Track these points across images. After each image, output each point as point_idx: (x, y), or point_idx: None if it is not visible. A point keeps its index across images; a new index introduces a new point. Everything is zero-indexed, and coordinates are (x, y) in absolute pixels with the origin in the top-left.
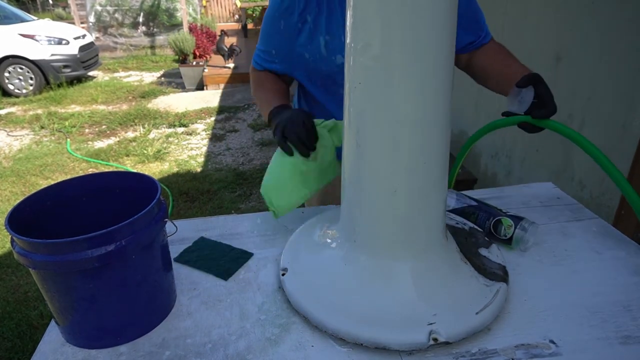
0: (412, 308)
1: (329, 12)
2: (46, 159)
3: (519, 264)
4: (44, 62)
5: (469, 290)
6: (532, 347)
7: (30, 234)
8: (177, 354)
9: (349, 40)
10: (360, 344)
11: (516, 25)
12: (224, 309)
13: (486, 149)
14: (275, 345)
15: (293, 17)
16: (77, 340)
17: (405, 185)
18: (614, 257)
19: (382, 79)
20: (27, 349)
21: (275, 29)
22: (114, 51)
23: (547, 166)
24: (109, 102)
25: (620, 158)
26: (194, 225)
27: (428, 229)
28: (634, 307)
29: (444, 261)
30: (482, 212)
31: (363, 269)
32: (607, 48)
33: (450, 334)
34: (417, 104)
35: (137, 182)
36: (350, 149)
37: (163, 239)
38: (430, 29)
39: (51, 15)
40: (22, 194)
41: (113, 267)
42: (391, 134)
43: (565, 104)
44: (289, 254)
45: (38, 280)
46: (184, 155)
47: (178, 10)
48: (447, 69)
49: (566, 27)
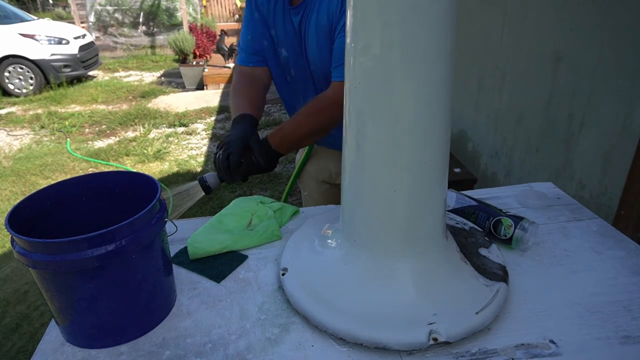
0: (412, 308)
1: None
2: (46, 158)
3: (519, 264)
4: (44, 62)
5: (469, 290)
6: (532, 347)
7: (30, 234)
8: (177, 353)
9: (349, 40)
10: (360, 344)
11: (516, 25)
12: (224, 309)
13: (486, 149)
14: (275, 345)
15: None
16: (77, 340)
17: (405, 185)
18: (614, 257)
19: (382, 79)
20: (27, 349)
21: (246, 18)
22: (114, 51)
23: (547, 166)
24: (109, 102)
25: (620, 158)
26: (194, 225)
27: (428, 228)
28: (634, 307)
29: (444, 261)
30: (482, 212)
31: (363, 269)
32: (607, 48)
33: (450, 334)
34: (417, 104)
35: (137, 182)
36: (350, 149)
37: (163, 239)
38: (430, 29)
39: (51, 14)
40: (22, 193)
41: (113, 267)
42: (391, 134)
43: (565, 104)
44: (289, 254)
45: (38, 280)
46: (184, 155)
47: (178, 10)
48: (447, 69)
49: (566, 27)
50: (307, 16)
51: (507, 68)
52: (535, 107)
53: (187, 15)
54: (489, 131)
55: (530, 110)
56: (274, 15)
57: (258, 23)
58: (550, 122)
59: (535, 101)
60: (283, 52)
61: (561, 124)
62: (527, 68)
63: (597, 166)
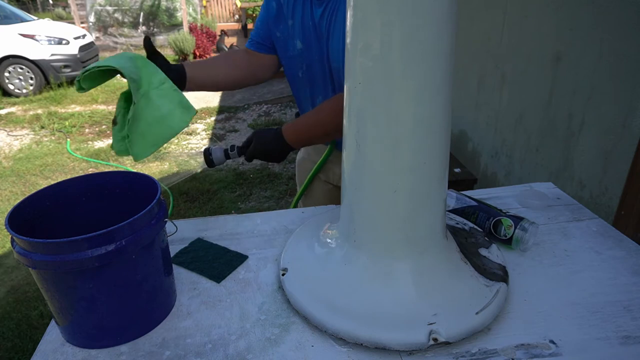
0: (412, 308)
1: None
2: (46, 159)
3: (519, 264)
4: (44, 62)
5: (469, 290)
6: (532, 347)
7: (30, 234)
8: (177, 353)
9: (349, 40)
10: (360, 344)
11: (516, 25)
12: (224, 309)
13: (486, 149)
14: (275, 345)
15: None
16: (77, 340)
17: (405, 185)
18: (613, 257)
19: (382, 79)
20: (27, 349)
21: (263, 5)
22: (114, 51)
23: (547, 166)
24: (109, 102)
25: (620, 158)
26: (194, 225)
27: (428, 229)
28: (634, 307)
29: (444, 261)
30: (482, 212)
31: (363, 269)
32: (607, 48)
33: (450, 334)
34: (417, 104)
35: (137, 182)
36: (350, 149)
37: (163, 239)
38: (430, 29)
39: (51, 15)
40: (22, 194)
41: (113, 267)
42: (391, 134)
43: (565, 104)
44: (289, 254)
45: (38, 280)
46: (184, 155)
47: (178, 10)
48: (447, 69)
49: (566, 27)
50: (331, 11)
51: (507, 68)
52: (535, 107)
53: (187, 15)
54: (489, 131)
55: (530, 110)
56: (294, 5)
57: (272, 12)
58: (550, 122)
59: (535, 101)
60: (298, 44)
61: (561, 124)
62: (527, 68)
63: (597, 166)
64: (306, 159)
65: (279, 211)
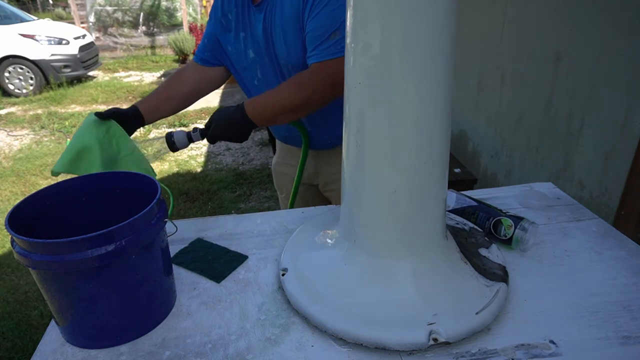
0: (412, 308)
1: (243, 9)
2: (46, 159)
3: (519, 264)
4: (44, 62)
5: (469, 290)
6: (532, 347)
7: (30, 234)
8: (177, 353)
9: (349, 40)
10: (360, 344)
11: (516, 25)
12: (224, 309)
13: (486, 149)
14: (275, 345)
15: (218, 13)
16: (77, 340)
17: (405, 185)
18: (613, 257)
19: (382, 79)
20: (27, 349)
21: (209, 22)
22: (114, 51)
23: (547, 166)
24: (109, 102)
25: (620, 158)
26: (194, 226)
27: (428, 229)
28: (634, 307)
29: (444, 261)
30: (482, 212)
31: (363, 269)
32: (607, 48)
33: (450, 334)
34: (417, 104)
35: (137, 182)
36: (350, 149)
37: (163, 239)
38: (430, 29)
39: (51, 15)
40: (22, 194)
41: (113, 267)
42: (391, 134)
43: (565, 104)
44: (289, 254)
45: (38, 280)
46: (183, 155)
47: (178, 10)
48: (447, 69)
49: (566, 27)
50: (270, 12)
51: (507, 68)
52: (535, 107)
53: (187, 15)
54: (489, 131)
55: (530, 110)
56: (242, 18)
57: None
58: (550, 122)
59: (535, 101)
60: (250, 53)
61: (561, 124)
62: (527, 68)
63: (597, 166)
64: (281, 162)
65: (279, 211)
